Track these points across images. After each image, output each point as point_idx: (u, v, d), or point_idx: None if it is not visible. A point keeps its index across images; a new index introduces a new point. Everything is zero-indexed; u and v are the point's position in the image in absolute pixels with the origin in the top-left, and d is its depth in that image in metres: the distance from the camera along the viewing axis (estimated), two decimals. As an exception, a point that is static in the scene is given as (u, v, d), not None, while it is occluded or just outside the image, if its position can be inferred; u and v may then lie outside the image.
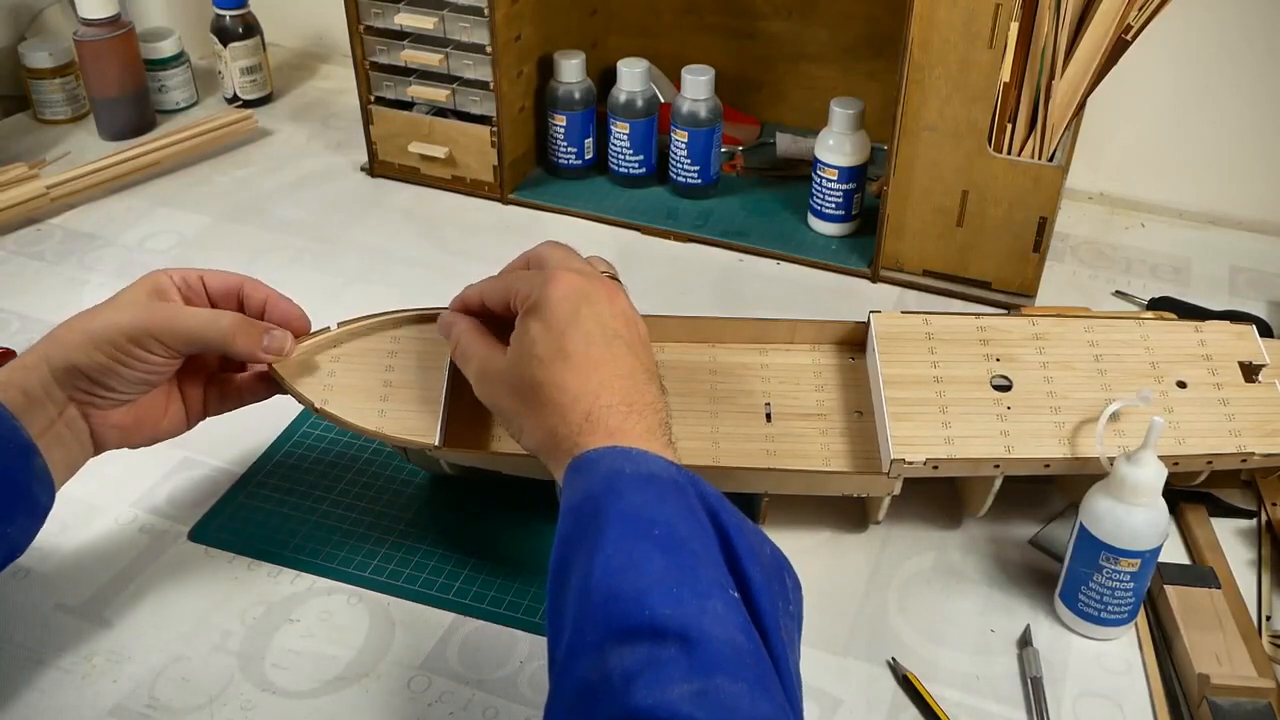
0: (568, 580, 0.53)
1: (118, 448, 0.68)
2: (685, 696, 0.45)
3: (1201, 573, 0.72)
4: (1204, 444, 0.72)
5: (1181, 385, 0.75)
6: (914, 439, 0.72)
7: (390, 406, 0.71)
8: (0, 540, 0.60)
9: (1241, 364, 0.76)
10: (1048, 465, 0.71)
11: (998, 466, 0.71)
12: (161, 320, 0.64)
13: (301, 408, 0.85)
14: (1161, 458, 0.67)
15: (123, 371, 0.63)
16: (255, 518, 0.77)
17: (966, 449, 0.71)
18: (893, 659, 0.68)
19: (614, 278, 0.68)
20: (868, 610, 0.72)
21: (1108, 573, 0.67)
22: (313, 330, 0.72)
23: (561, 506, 0.57)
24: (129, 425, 0.67)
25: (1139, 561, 0.66)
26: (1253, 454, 0.72)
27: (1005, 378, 0.75)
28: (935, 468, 0.71)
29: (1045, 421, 0.73)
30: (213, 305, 0.69)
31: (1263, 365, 0.76)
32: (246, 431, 0.83)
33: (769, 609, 0.52)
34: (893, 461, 0.71)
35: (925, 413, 0.73)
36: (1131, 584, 0.67)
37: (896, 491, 0.73)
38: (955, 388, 0.75)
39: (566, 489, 0.57)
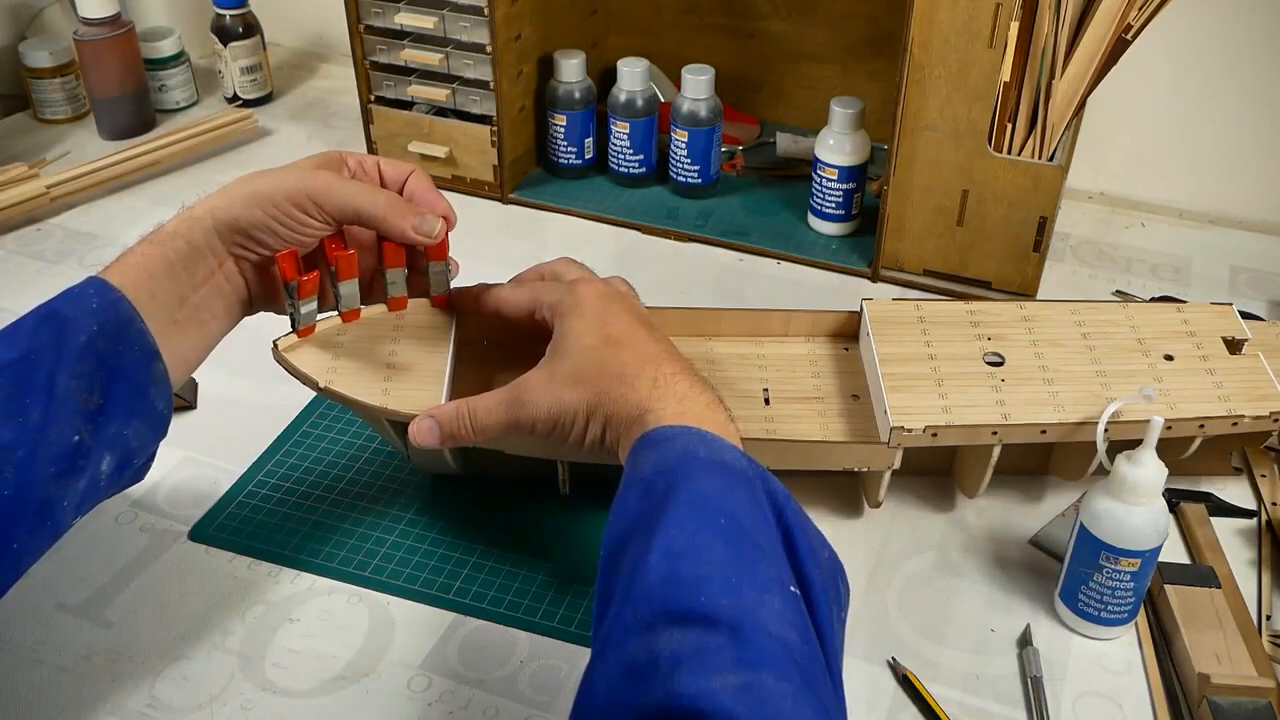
0: (625, 552, 0.53)
1: (268, 310, 0.70)
2: (729, 688, 0.45)
3: (1201, 573, 0.72)
4: (1195, 409, 0.74)
5: (1169, 358, 0.77)
6: (912, 408, 0.73)
7: (394, 385, 0.71)
8: (118, 443, 0.60)
9: (1225, 339, 0.79)
10: (1044, 432, 0.73)
11: (995, 434, 0.72)
12: (321, 186, 0.66)
13: (300, 408, 0.86)
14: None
15: (277, 229, 0.65)
16: (255, 518, 0.77)
17: (964, 417, 0.72)
18: (893, 659, 0.68)
19: (632, 295, 0.72)
20: (868, 610, 0.72)
21: (1108, 572, 0.67)
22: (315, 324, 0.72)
23: (626, 478, 0.57)
24: (278, 287, 0.69)
25: (1139, 561, 0.66)
26: (1243, 417, 0.73)
27: (998, 354, 0.77)
28: (934, 435, 0.72)
29: (1039, 391, 0.74)
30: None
31: (1245, 339, 0.79)
32: (246, 431, 0.83)
33: (825, 612, 0.52)
34: (892, 430, 0.71)
35: (922, 386, 0.75)
36: (1131, 584, 0.67)
37: (896, 465, 0.73)
38: (950, 364, 0.76)
39: (633, 461, 0.57)
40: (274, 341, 0.70)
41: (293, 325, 0.70)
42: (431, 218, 0.69)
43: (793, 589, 0.51)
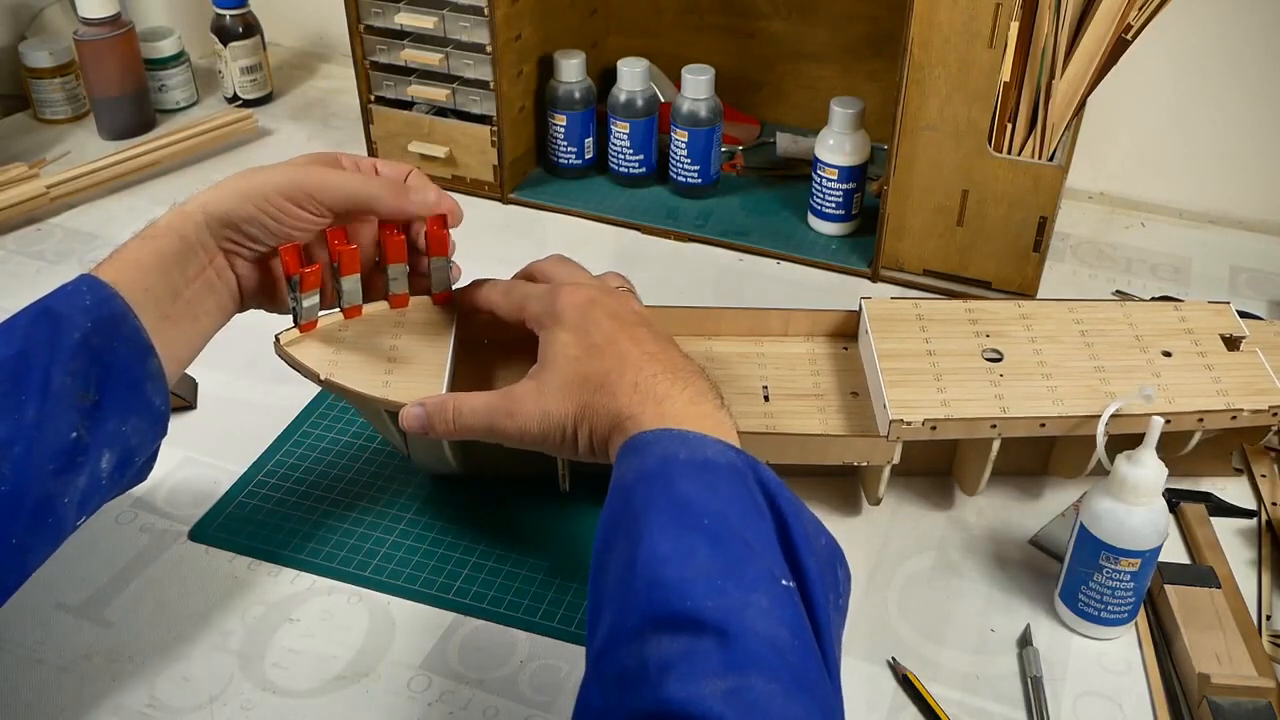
0: (609, 562, 0.53)
1: (260, 307, 0.70)
2: (717, 693, 0.45)
3: (1201, 572, 0.72)
4: (1194, 403, 0.74)
5: (1167, 354, 0.78)
6: (911, 402, 0.73)
7: (395, 379, 0.71)
8: (117, 440, 0.60)
9: (1223, 336, 0.79)
10: (1043, 424, 0.73)
11: (994, 426, 0.72)
12: (316, 179, 0.66)
13: (300, 408, 0.86)
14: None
15: (268, 224, 0.65)
16: (255, 518, 0.77)
17: (963, 410, 0.73)
18: (893, 659, 0.68)
19: (628, 290, 0.72)
20: (868, 610, 0.72)
21: (1108, 572, 0.67)
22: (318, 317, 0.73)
23: (611, 485, 0.57)
24: (270, 284, 0.69)
25: (1139, 561, 0.66)
26: (1242, 410, 0.74)
27: (996, 350, 0.78)
28: (933, 428, 0.72)
29: (1038, 385, 0.75)
30: None
31: (1243, 337, 0.79)
32: (246, 431, 0.83)
33: (821, 601, 0.52)
34: (891, 423, 0.72)
35: (921, 380, 0.75)
36: (1131, 584, 0.67)
37: (896, 459, 0.73)
38: (948, 359, 0.77)
39: (617, 468, 0.57)
40: (276, 336, 0.71)
41: (295, 320, 0.70)
42: (427, 191, 0.69)
43: (785, 582, 0.51)
